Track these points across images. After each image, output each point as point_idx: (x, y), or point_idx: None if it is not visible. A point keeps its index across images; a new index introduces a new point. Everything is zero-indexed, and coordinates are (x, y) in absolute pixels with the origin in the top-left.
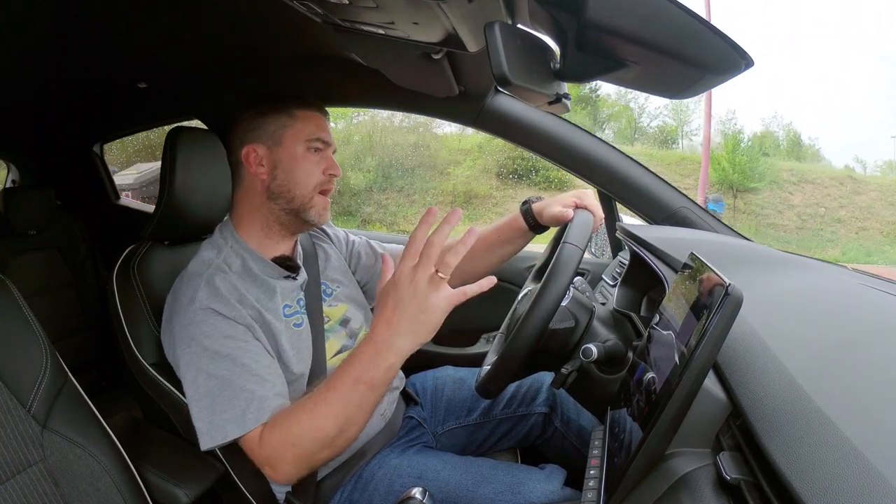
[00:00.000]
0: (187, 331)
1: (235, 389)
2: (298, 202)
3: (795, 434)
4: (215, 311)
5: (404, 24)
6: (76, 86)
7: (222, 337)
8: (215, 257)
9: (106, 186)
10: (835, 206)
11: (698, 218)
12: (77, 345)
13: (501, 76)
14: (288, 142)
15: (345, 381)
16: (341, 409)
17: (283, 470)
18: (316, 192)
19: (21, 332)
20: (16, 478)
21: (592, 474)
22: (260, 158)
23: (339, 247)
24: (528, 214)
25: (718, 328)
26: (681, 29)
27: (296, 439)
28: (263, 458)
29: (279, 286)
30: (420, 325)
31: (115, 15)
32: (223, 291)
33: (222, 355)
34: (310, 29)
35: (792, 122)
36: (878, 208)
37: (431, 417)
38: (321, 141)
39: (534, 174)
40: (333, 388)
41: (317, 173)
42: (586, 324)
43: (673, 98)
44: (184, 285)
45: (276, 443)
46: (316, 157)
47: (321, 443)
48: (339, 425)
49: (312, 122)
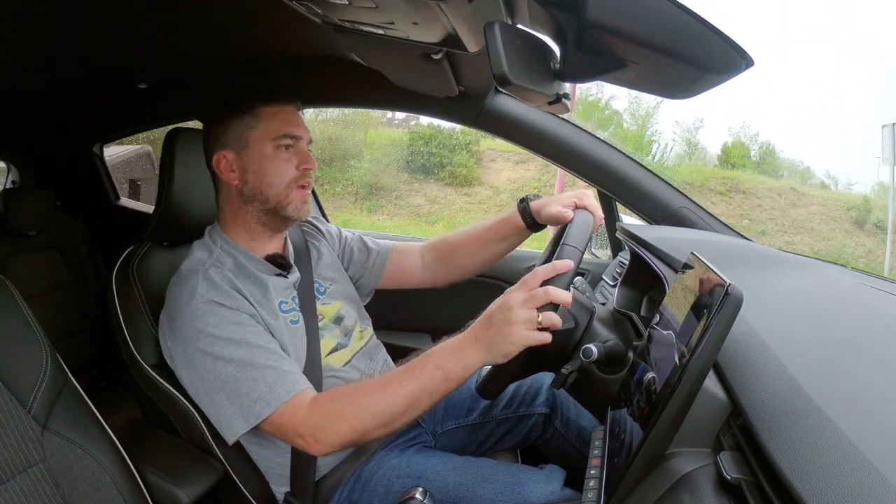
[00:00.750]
0: (192, 326)
1: (258, 368)
2: (274, 201)
3: (796, 434)
4: (218, 303)
5: (404, 25)
6: (76, 86)
7: (230, 324)
8: (207, 258)
9: (106, 187)
10: (763, 217)
11: (698, 218)
12: (77, 345)
13: (501, 76)
14: (254, 144)
15: (425, 365)
16: (413, 390)
17: (327, 441)
18: (292, 189)
19: (21, 332)
20: (16, 478)
21: (593, 474)
22: (230, 164)
23: (332, 243)
24: (525, 212)
25: (718, 328)
26: (681, 29)
27: (358, 412)
28: (307, 429)
29: (272, 283)
30: (497, 349)
31: (115, 15)
32: (222, 284)
33: (235, 340)
34: (310, 29)
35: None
36: (815, 223)
37: (430, 417)
38: (289, 136)
39: (440, 170)
40: (411, 369)
41: (289, 170)
42: (586, 324)
43: (673, 98)
44: (180, 285)
45: (333, 414)
46: (286, 154)
47: (382, 420)
48: (406, 406)
49: (278, 118)
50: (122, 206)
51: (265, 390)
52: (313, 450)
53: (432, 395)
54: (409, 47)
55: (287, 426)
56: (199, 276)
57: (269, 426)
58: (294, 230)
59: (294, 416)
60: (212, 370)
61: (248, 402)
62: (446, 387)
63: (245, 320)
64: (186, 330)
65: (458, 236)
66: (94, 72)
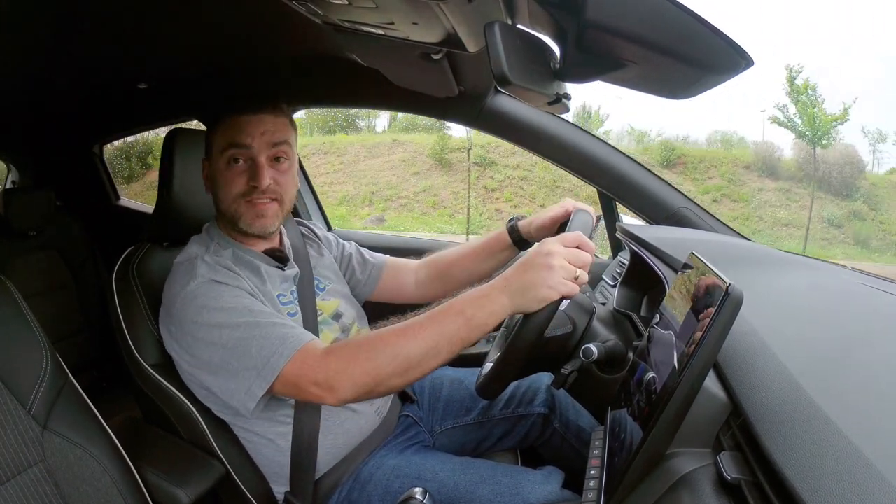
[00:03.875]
0: (194, 304)
1: (265, 326)
2: (228, 215)
3: (796, 433)
4: (217, 282)
5: (404, 25)
6: (76, 87)
7: (232, 297)
8: (204, 252)
9: (106, 187)
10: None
11: (698, 218)
12: (77, 345)
13: (501, 76)
14: (215, 154)
15: (447, 310)
16: (432, 335)
17: (343, 388)
18: (240, 204)
19: (21, 332)
20: (16, 478)
21: (593, 474)
22: (206, 174)
23: (330, 248)
24: (513, 231)
25: (718, 328)
26: (680, 29)
27: (374, 355)
28: (323, 375)
29: (269, 273)
30: (533, 292)
31: (114, 15)
32: (221, 267)
33: (238, 309)
34: (310, 29)
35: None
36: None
37: (429, 416)
38: (236, 146)
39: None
40: (432, 315)
41: (238, 184)
42: (586, 324)
43: (673, 98)
44: (178, 274)
45: (349, 357)
46: (240, 167)
47: (399, 366)
48: (424, 351)
49: (230, 128)
50: (122, 206)
51: (277, 344)
52: (329, 399)
53: (452, 342)
54: (408, 47)
55: (302, 375)
56: (197, 261)
57: (285, 382)
58: (293, 231)
59: (309, 364)
60: (219, 341)
61: (261, 359)
62: (468, 334)
63: (245, 295)
64: (188, 310)
65: (452, 254)
66: (94, 72)
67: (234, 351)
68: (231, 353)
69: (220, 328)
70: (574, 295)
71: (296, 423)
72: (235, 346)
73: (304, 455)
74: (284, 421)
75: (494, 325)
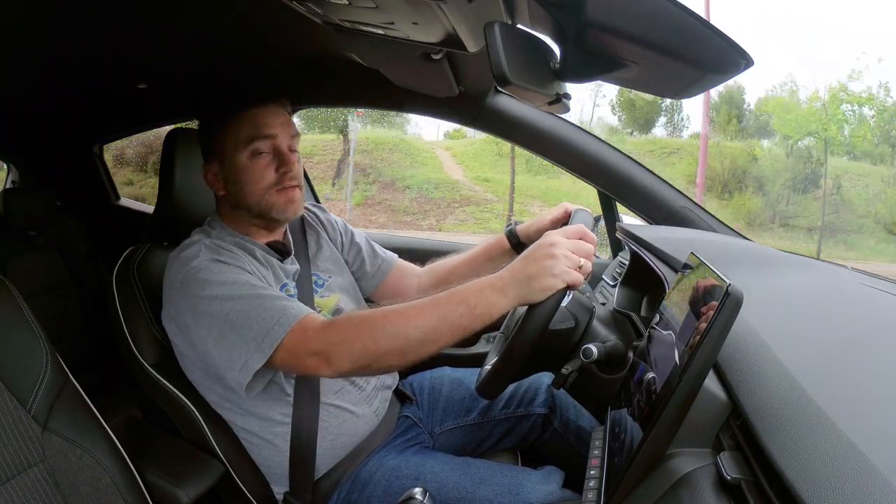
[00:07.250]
0: (196, 279)
1: (267, 298)
2: (257, 208)
3: (796, 433)
4: (220, 261)
5: (404, 25)
6: (76, 86)
7: (234, 273)
8: (206, 238)
9: (106, 187)
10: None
11: (698, 218)
12: (77, 345)
13: (501, 76)
14: (228, 154)
15: (451, 297)
16: (433, 319)
17: (340, 360)
18: (272, 194)
19: (21, 332)
20: (16, 478)
21: (593, 474)
22: (215, 175)
23: (334, 235)
24: (511, 234)
25: (718, 328)
26: (680, 29)
27: (374, 331)
28: (322, 345)
29: (269, 262)
30: (538, 281)
31: (114, 15)
32: (223, 249)
33: (240, 283)
34: (310, 29)
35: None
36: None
37: (428, 417)
38: (261, 138)
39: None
40: (436, 299)
41: (267, 176)
42: (586, 324)
43: (673, 98)
44: (178, 261)
45: (348, 329)
46: (264, 160)
47: (398, 345)
48: (424, 335)
49: (247, 122)
50: (122, 206)
51: (277, 314)
52: (325, 370)
53: (453, 329)
54: (408, 47)
55: (300, 345)
56: (200, 245)
57: (283, 354)
58: (294, 225)
59: (308, 335)
60: (220, 312)
61: (261, 331)
62: (470, 322)
63: (246, 273)
64: (190, 286)
65: (451, 261)
66: (94, 72)
67: (235, 323)
68: (231, 326)
69: (221, 300)
70: (579, 284)
71: (293, 424)
72: (236, 319)
73: (303, 456)
74: (282, 420)
75: (497, 316)
